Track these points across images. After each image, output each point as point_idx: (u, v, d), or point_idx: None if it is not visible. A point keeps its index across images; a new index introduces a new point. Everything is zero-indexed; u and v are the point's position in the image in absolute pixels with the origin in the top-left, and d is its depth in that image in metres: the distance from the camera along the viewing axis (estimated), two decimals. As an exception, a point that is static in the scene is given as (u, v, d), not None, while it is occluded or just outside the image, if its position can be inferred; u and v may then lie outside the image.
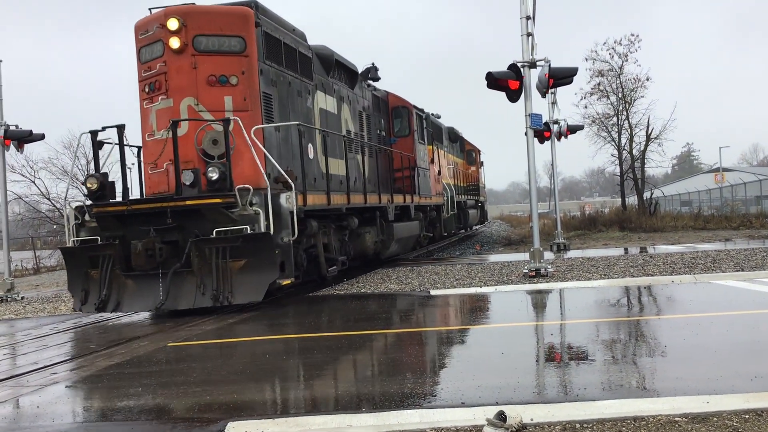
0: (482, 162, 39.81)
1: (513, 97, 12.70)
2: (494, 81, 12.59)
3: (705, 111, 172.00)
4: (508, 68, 12.62)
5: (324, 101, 13.85)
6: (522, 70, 12.60)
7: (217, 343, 7.78)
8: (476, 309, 9.75)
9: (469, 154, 35.28)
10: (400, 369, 6.15)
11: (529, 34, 12.86)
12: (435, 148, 22.95)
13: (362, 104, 16.54)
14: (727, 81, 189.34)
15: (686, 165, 78.02)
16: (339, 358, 6.63)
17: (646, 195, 34.26)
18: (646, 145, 33.58)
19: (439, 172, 23.16)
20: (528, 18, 12.87)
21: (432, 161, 21.78)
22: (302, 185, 11.27)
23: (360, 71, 16.89)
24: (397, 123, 19.20)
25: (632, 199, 36.02)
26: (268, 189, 9.98)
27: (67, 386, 6.07)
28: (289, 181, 10.36)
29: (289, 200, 10.28)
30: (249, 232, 9.85)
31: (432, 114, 25.32)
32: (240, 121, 10.26)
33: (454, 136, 30.62)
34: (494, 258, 17.92)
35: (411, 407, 4.67)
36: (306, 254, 11.97)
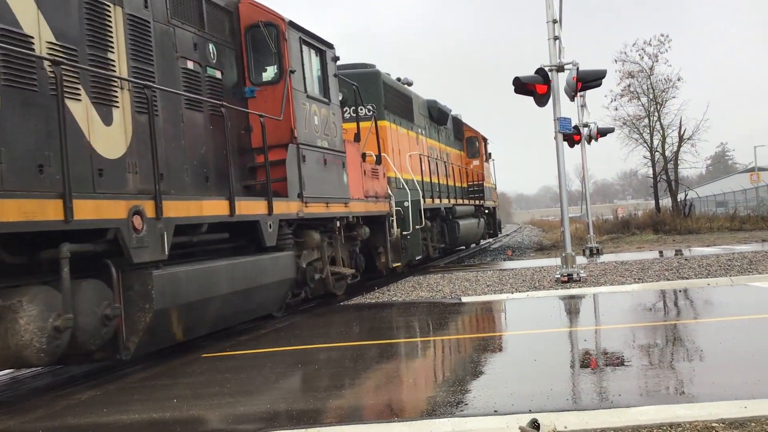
0: (490, 154, 29.80)
1: (541, 101, 12.63)
2: (522, 86, 12.53)
3: (739, 110, 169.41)
4: (535, 72, 12.56)
5: None
6: (549, 74, 12.52)
7: (251, 353, 7.83)
8: (508, 316, 9.68)
9: (470, 143, 26.94)
10: (432, 377, 6.15)
11: (555, 38, 12.81)
12: (387, 123, 16.13)
13: None
14: (761, 78, 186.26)
15: (721, 165, 76.80)
16: (370, 367, 6.63)
17: (680, 197, 33.88)
18: (679, 146, 33.26)
19: (377, 160, 14.40)
20: (554, 22, 12.83)
21: (356, 139, 13.25)
22: None
23: None
24: (257, 58, 10.36)
25: (666, 201, 35.63)
26: None
27: None
28: None
29: None
30: None
31: (398, 79, 18.75)
32: None
33: (441, 116, 22.34)
34: (526, 263, 17.78)
35: (443, 416, 4.65)
36: None
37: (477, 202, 25.50)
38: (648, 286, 11.00)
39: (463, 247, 26.73)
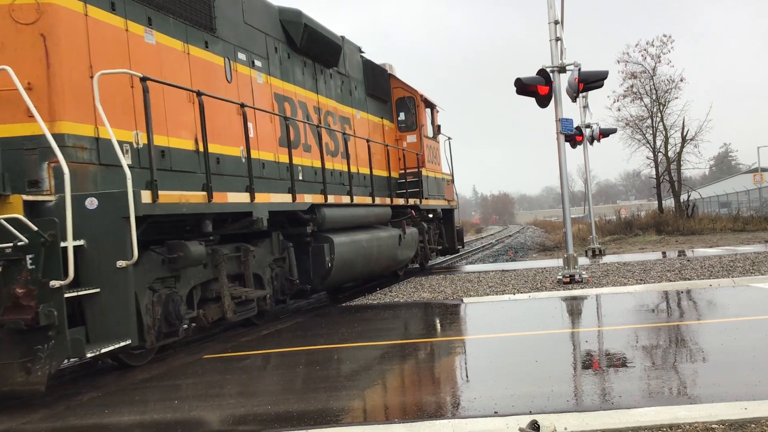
0: (439, 127, 18.53)
1: (543, 102, 12.62)
2: (523, 87, 12.51)
3: (742, 110, 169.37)
4: (537, 73, 12.55)
5: None
6: (551, 75, 12.51)
7: (252, 354, 7.83)
8: (510, 316, 9.67)
9: (403, 107, 16.88)
10: (433, 378, 6.14)
11: (557, 39, 12.80)
12: (79, 5, 6.91)
13: None
14: (764, 78, 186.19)
15: (724, 166, 76.76)
16: (371, 368, 6.64)
17: (683, 197, 33.82)
18: (682, 147, 33.19)
19: None
20: (556, 23, 12.81)
21: None
22: None
23: None
24: None
25: (669, 202, 35.57)
26: None
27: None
28: None
29: None
30: None
31: None
32: None
33: (320, 46, 12.52)
34: (528, 264, 17.77)
35: (443, 417, 4.65)
36: None
37: (411, 200, 15.58)
38: (650, 287, 10.99)
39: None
